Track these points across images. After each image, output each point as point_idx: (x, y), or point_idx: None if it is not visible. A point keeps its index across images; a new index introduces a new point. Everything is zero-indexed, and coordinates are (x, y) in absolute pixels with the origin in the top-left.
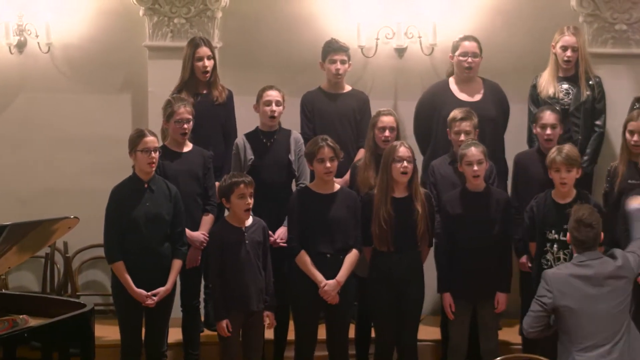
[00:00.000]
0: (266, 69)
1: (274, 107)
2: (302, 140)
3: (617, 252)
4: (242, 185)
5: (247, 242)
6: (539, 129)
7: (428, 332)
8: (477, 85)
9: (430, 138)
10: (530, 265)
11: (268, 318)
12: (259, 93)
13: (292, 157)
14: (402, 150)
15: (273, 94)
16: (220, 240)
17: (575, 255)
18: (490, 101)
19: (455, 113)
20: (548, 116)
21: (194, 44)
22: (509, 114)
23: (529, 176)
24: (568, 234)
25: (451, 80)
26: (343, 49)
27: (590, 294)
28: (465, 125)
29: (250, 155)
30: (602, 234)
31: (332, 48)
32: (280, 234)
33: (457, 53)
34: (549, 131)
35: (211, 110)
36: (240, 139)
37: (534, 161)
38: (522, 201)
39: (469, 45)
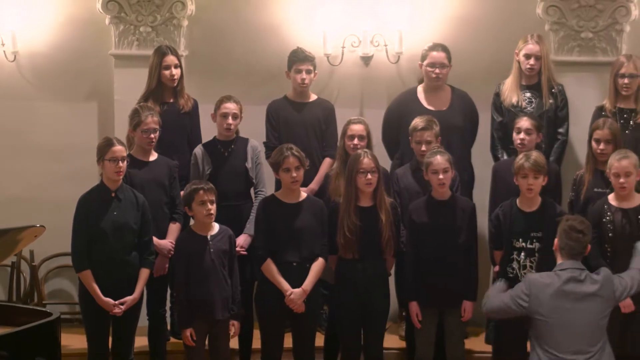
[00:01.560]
0: (232, 77)
1: (230, 121)
2: (259, 149)
3: (603, 270)
4: (201, 192)
5: (211, 250)
6: (514, 134)
7: (394, 341)
8: (446, 94)
9: (397, 146)
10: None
11: (233, 327)
12: (217, 103)
13: (249, 165)
14: (366, 162)
15: (230, 107)
16: (185, 248)
17: (558, 262)
18: (458, 110)
19: (417, 122)
20: (524, 121)
21: (161, 53)
22: (478, 123)
23: (505, 185)
24: (556, 240)
25: (419, 89)
26: (309, 59)
27: (564, 307)
28: (427, 135)
29: (207, 165)
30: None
31: (298, 58)
32: (241, 242)
33: (425, 63)
34: (522, 135)
35: (177, 119)
36: (199, 149)
37: (510, 170)
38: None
39: (436, 55)
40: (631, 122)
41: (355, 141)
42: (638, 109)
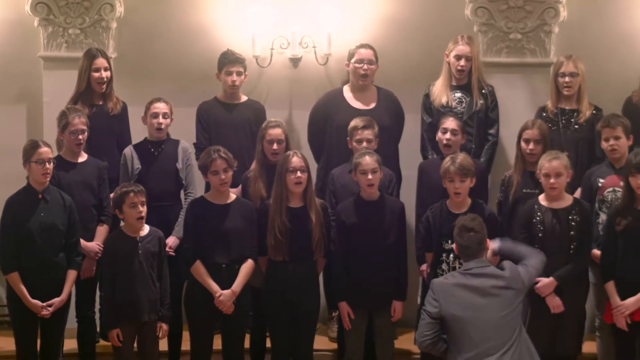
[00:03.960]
0: (161, 79)
1: (161, 120)
2: (190, 150)
3: (506, 263)
4: (131, 194)
5: (140, 252)
6: (440, 134)
7: (324, 342)
8: (372, 93)
9: (324, 146)
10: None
11: (161, 329)
12: (147, 105)
13: (179, 165)
14: (295, 161)
15: (160, 107)
16: (114, 250)
17: (463, 264)
18: (385, 110)
19: (357, 122)
20: (450, 122)
21: (91, 55)
22: (404, 122)
23: (433, 184)
24: (454, 244)
25: (345, 89)
26: (239, 61)
27: (475, 303)
28: (367, 134)
29: (137, 165)
30: (488, 242)
31: (228, 60)
32: (170, 244)
33: (352, 60)
34: (448, 136)
35: (106, 121)
36: (128, 149)
37: (436, 170)
38: (426, 209)
39: (364, 52)
40: (573, 123)
41: (275, 146)
42: (579, 109)
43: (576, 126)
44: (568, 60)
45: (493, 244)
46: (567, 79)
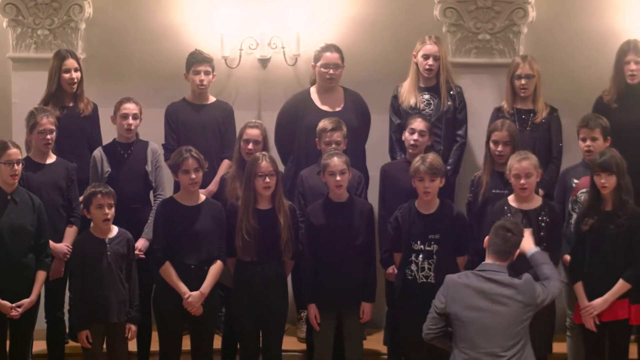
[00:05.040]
0: (130, 80)
1: (130, 121)
2: (159, 152)
3: (525, 275)
4: (99, 196)
5: (109, 253)
6: (407, 134)
7: (292, 342)
8: (339, 95)
9: (291, 148)
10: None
11: (130, 330)
12: (116, 105)
13: (148, 168)
14: (264, 165)
15: (130, 108)
16: (82, 251)
17: (484, 262)
18: (352, 111)
19: (325, 123)
20: (418, 122)
21: (61, 56)
22: (370, 124)
23: (397, 186)
24: (486, 240)
25: (313, 90)
26: (207, 60)
27: (480, 307)
28: (336, 136)
29: (107, 168)
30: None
31: (196, 59)
32: (139, 246)
33: (319, 64)
34: (415, 136)
35: (77, 122)
36: (98, 151)
37: (402, 171)
38: (390, 212)
39: (330, 56)
40: (529, 123)
41: (250, 145)
42: (536, 110)
43: (532, 126)
44: (524, 62)
45: (528, 246)
46: (523, 81)
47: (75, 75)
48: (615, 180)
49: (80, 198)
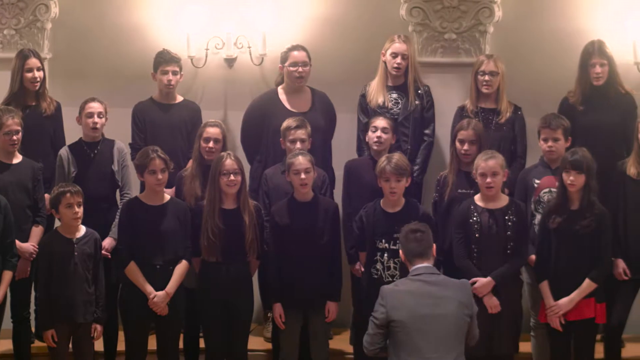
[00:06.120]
0: (97, 79)
1: (96, 119)
2: (125, 151)
3: (464, 280)
4: (68, 195)
5: (76, 253)
6: (370, 133)
7: (259, 342)
8: (306, 95)
9: (258, 148)
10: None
11: (96, 330)
12: (81, 105)
13: (115, 167)
14: (229, 163)
15: (95, 106)
16: (49, 250)
17: (411, 269)
18: (319, 111)
19: (290, 122)
20: (380, 120)
21: (23, 56)
22: (335, 122)
23: (361, 184)
24: (400, 252)
25: (280, 90)
26: (174, 60)
27: (423, 311)
28: (300, 133)
29: (73, 168)
30: (435, 246)
31: (164, 59)
32: (105, 245)
33: (286, 64)
34: (378, 133)
35: (40, 122)
36: (64, 151)
37: (366, 169)
38: (354, 209)
39: (298, 54)
40: (493, 122)
41: (211, 144)
42: (499, 109)
43: (496, 125)
44: (488, 60)
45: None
46: (486, 77)
47: (38, 74)
48: (583, 179)
49: (46, 197)
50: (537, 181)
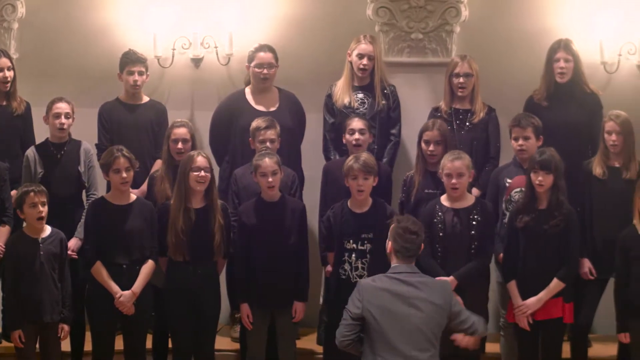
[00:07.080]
0: (63, 79)
1: (63, 120)
2: (92, 151)
3: (444, 281)
4: (32, 194)
5: (42, 253)
6: (347, 136)
7: (226, 342)
8: (273, 95)
9: (226, 148)
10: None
11: (63, 330)
12: (48, 105)
13: (81, 168)
14: (199, 160)
15: (62, 107)
16: (15, 250)
17: (393, 264)
18: (287, 111)
19: (259, 122)
20: (356, 122)
21: None
22: (305, 123)
23: (339, 185)
24: (389, 243)
25: (247, 91)
26: (141, 60)
27: (397, 310)
28: (270, 134)
29: (40, 169)
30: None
31: (130, 59)
32: (72, 246)
33: (252, 64)
34: (356, 136)
35: (9, 121)
36: (31, 151)
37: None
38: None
39: (264, 56)
40: (467, 123)
41: (180, 145)
42: (473, 110)
43: (470, 126)
44: (463, 61)
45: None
46: (461, 79)
47: (9, 74)
48: (552, 179)
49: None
50: (508, 180)
